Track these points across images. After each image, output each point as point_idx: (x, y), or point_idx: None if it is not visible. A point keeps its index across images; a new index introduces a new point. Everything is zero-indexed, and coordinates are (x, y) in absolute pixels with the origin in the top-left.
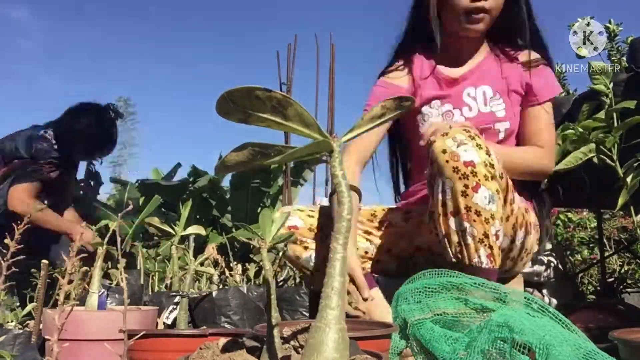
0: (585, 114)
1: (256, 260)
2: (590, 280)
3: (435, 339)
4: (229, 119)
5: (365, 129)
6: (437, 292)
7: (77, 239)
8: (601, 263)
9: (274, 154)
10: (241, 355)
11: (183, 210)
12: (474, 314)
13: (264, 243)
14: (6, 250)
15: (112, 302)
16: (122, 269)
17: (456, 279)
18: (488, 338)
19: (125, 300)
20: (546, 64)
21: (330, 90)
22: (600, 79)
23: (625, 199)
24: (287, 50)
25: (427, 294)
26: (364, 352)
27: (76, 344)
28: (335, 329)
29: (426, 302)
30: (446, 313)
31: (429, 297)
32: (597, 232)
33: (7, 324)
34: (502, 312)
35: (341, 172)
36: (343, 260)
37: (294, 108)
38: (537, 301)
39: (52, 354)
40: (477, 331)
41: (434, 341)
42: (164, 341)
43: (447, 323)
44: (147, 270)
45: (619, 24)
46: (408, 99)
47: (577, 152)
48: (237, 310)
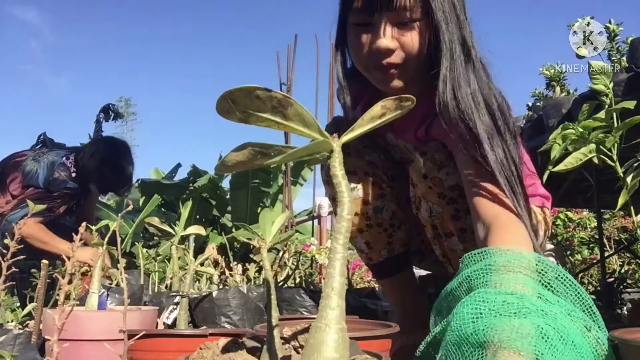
0: (585, 114)
1: (256, 260)
2: (590, 280)
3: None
4: (229, 119)
5: (365, 129)
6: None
7: (70, 263)
8: (601, 263)
9: (274, 154)
10: (241, 355)
11: (183, 210)
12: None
13: (264, 243)
14: (6, 250)
15: (112, 302)
16: (122, 269)
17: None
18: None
19: (125, 300)
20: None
21: (330, 90)
22: (600, 79)
23: (625, 199)
24: (287, 50)
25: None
26: (364, 352)
27: (76, 344)
28: (335, 329)
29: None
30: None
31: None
32: (597, 232)
33: (7, 324)
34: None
35: (341, 172)
36: (343, 260)
37: (294, 108)
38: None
39: (52, 354)
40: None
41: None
42: (164, 341)
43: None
44: (147, 270)
45: (619, 24)
46: (408, 99)
47: (577, 152)
48: (237, 310)
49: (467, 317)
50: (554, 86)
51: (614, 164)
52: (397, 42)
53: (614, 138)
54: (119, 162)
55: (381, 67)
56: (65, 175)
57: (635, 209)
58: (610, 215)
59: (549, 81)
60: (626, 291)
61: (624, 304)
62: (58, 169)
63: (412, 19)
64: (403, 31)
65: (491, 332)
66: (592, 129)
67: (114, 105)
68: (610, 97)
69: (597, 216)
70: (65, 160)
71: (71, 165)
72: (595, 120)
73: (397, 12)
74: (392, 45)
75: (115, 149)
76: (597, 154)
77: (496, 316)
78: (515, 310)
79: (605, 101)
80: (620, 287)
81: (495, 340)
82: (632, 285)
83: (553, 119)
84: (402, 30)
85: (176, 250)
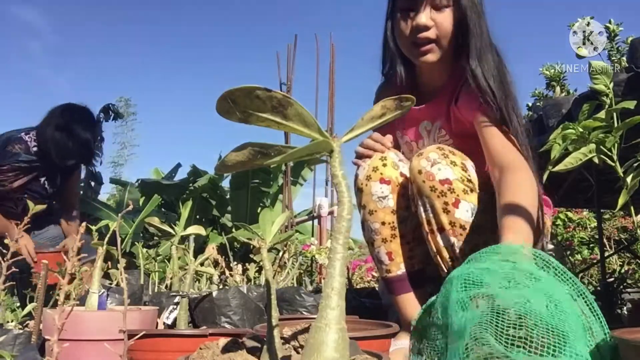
0: (585, 114)
1: (256, 260)
2: (590, 280)
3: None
4: (229, 119)
5: (365, 129)
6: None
7: (12, 243)
8: (601, 263)
9: (274, 154)
10: (241, 355)
11: (183, 210)
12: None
13: (264, 243)
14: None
15: (112, 302)
16: (122, 269)
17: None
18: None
19: (125, 300)
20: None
21: (330, 90)
22: (600, 79)
23: (625, 199)
24: (287, 50)
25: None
26: (364, 352)
27: (76, 344)
28: (335, 329)
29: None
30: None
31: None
32: (597, 232)
33: (7, 324)
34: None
35: (341, 172)
36: (343, 260)
37: (294, 108)
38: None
39: (52, 354)
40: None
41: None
42: (164, 341)
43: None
44: (147, 270)
45: (619, 24)
46: (408, 99)
47: (577, 152)
48: (237, 310)
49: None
50: (554, 86)
51: (614, 164)
52: (434, 22)
53: (614, 138)
54: (74, 127)
55: (419, 41)
56: (21, 148)
57: (635, 209)
58: (610, 215)
59: (549, 81)
60: (626, 291)
61: (624, 304)
62: (13, 143)
63: (446, 5)
64: (438, 13)
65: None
66: (592, 129)
67: (114, 105)
68: (611, 97)
69: (597, 216)
70: (24, 135)
71: (30, 140)
72: (596, 120)
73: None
74: (429, 23)
75: (70, 114)
76: (597, 154)
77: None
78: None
79: (606, 101)
80: (620, 287)
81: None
82: (632, 285)
83: (553, 119)
84: (437, 12)
85: (176, 250)
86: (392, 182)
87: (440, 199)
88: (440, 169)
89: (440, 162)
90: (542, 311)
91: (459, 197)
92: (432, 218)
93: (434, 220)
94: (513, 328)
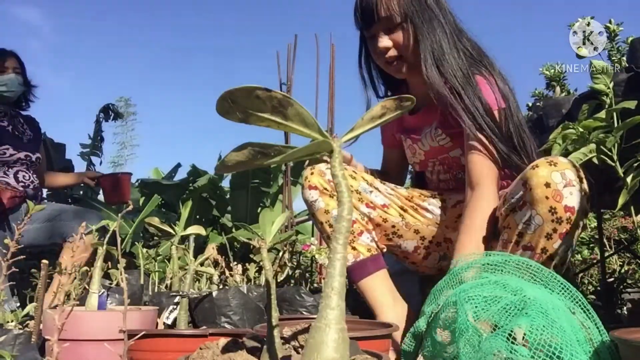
0: (585, 114)
1: (256, 260)
2: (590, 280)
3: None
4: (229, 119)
5: (365, 129)
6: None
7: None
8: (601, 263)
9: (274, 154)
10: (241, 355)
11: (183, 210)
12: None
13: (264, 243)
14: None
15: (112, 302)
16: (122, 269)
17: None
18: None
19: (125, 300)
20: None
21: (330, 90)
22: (600, 79)
23: (625, 199)
24: (287, 50)
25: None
26: (364, 352)
27: (76, 344)
28: (335, 329)
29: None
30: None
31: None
32: (597, 232)
33: (7, 324)
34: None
35: (341, 172)
36: (343, 260)
37: (294, 108)
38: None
39: (52, 354)
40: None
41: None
42: (164, 341)
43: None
44: (147, 270)
45: (619, 24)
46: (408, 99)
47: (577, 152)
48: (237, 310)
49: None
50: (554, 86)
51: (614, 164)
52: (392, 41)
53: (614, 138)
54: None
55: (387, 62)
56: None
57: (635, 209)
58: (610, 215)
59: (549, 81)
60: (626, 291)
61: (624, 304)
62: None
63: (398, 22)
64: (393, 33)
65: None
66: (592, 129)
67: (114, 105)
68: (611, 97)
69: (597, 216)
70: None
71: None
72: (596, 120)
73: (383, 21)
74: (388, 44)
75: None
76: (597, 154)
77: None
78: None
79: (606, 101)
80: (620, 287)
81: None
82: (632, 285)
83: (553, 119)
84: (393, 33)
85: (176, 250)
86: (318, 188)
87: (552, 224)
88: (572, 193)
89: (575, 186)
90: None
91: (570, 230)
92: (527, 234)
93: (528, 238)
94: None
